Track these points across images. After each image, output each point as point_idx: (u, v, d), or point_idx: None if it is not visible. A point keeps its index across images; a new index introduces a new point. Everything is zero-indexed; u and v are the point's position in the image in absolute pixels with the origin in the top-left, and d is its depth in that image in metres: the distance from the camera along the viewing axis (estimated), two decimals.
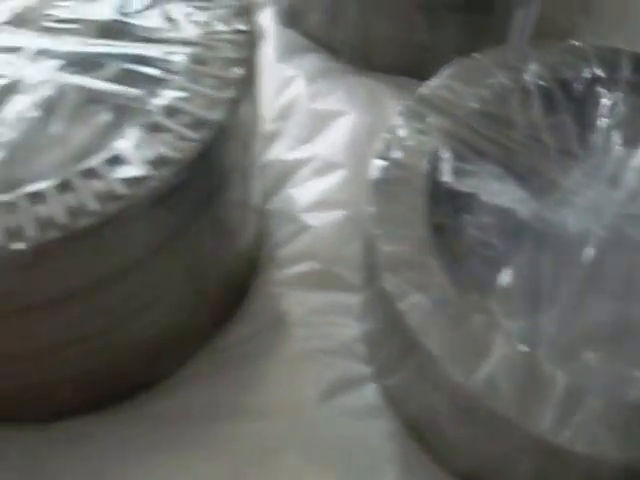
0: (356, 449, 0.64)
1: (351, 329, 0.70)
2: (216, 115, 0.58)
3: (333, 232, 0.75)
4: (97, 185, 0.55)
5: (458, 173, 0.67)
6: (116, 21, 0.65)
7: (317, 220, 0.75)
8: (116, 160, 0.57)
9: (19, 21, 0.65)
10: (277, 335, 0.69)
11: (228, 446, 0.65)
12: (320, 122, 0.81)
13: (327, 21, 0.88)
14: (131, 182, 0.55)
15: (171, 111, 0.59)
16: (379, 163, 0.67)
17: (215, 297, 0.69)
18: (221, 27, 0.63)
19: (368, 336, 0.70)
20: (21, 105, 0.60)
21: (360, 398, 0.67)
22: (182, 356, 0.70)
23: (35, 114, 0.59)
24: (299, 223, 0.75)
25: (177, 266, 0.62)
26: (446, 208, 0.66)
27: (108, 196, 0.55)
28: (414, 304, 0.60)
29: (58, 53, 0.63)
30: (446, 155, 0.67)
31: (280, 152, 0.79)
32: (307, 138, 0.80)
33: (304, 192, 0.77)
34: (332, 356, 0.69)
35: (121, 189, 0.55)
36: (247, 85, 0.61)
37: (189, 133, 0.58)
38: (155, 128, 0.58)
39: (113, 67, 0.63)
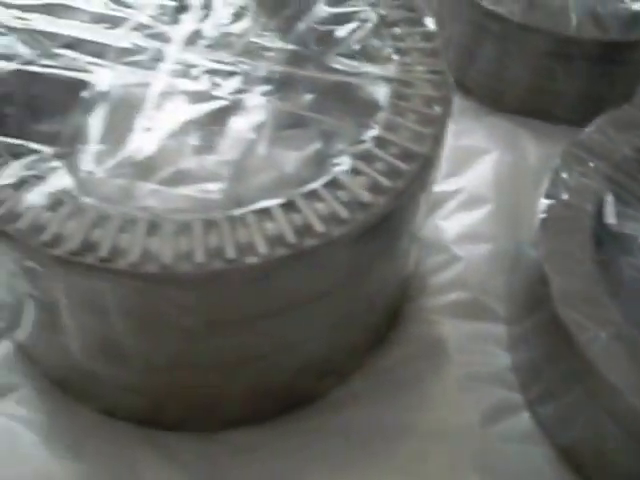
0: (521, 474, 0.67)
1: (501, 358, 0.74)
2: (423, 148, 0.62)
3: (481, 264, 0.79)
4: (320, 207, 0.59)
5: (620, 216, 0.71)
6: (315, 51, 0.68)
7: (465, 251, 0.79)
8: (335, 184, 0.60)
9: (221, 46, 0.68)
10: (434, 360, 0.73)
11: (392, 464, 0.68)
12: (465, 158, 0.85)
13: (462, 60, 0.92)
14: (352, 207, 0.59)
15: (381, 142, 0.62)
16: (546, 202, 0.71)
17: (374, 320, 0.73)
18: (418, 67, 0.67)
19: (521, 366, 0.73)
20: (238, 126, 0.63)
21: (517, 425, 0.70)
22: (341, 375, 0.73)
23: (252, 136, 0.62)
24: (449, 253, 0.79)
25: (362, 289, 0.66)
26: (608, 248, 0.70)
27: (332, 218, 0.58)
28: (592, 336, 0.63)
29: (265, 79, 0.66)
30: (609, 198, 0.71)
31: None
32: (454, 172, 0.84)
33: (452, 224, 0.81)
34: (487, 383, 0.72)
35: (344, 213, 0.58)
36: (445, 122, 0.64)
37: (399, 164, 0.61)
38: (367, 157, 0.62)
39: (316, 95, 0.66)
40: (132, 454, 0.67)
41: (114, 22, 0.70)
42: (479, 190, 0.84)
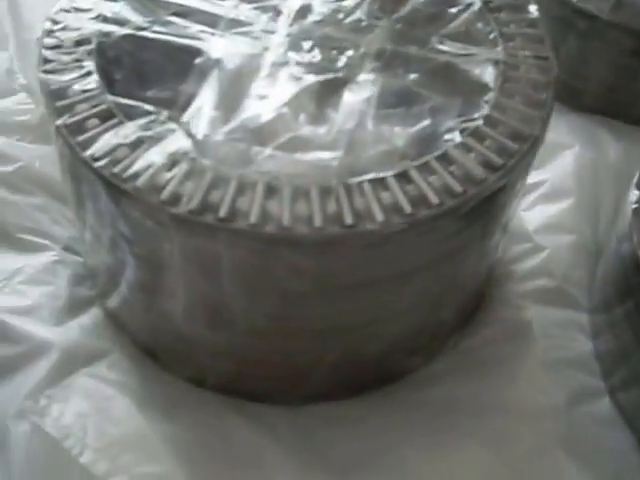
0: (604, 456, 0.68)
1: (583, 344, 0.75)
2: (532, 130, 0.63)
3: (563, 254, 0.80)
4: (433, 180, 0.59)
5: None
6: (420, 32, 0.69)
7: (548, 241, 0.80)
8: (446, 159, 0.61)
9: (330, 21, 0.69)
10: (520, 342, 0.74)
11: (481, 440, 0.69)
12: (548, 152, 0.86)
13: None
14: (465, 181, 0.59)
15: (490, 121, 0.63)
16: (637, 193, 0.71)
17: (463, 299, 0.73)
18: (524, 51, 0.68)
19: (604, 353, 0.74)
20: (350, 99, 0.64)
21: (598, 409, 0.71)
22: (429, 353, 0.73)
23: (364, 109, 0.63)
24: (533, 242, 0.80)
25: (461, 266, 0.67)
26: None
27: (445, 191, 0.59)
28: None
29: (374, 55, 0.67)
30: None
31: None
32: (536, 165, 0.85)
33: (535, 214, 0.82)
34: (570, 367, 0.74)
35: (457, 186, 0.59)
36: (551, 106, 0.65)
37: (509, 143, 0.62)
38: (477, 134, 0.62)
39: (424, 74, 0.67)
40: (224, 423, 0.68)
41: None
42: (561, 183, 0.85)
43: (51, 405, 0.67)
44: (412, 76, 0.68)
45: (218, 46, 0.66)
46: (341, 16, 0.70)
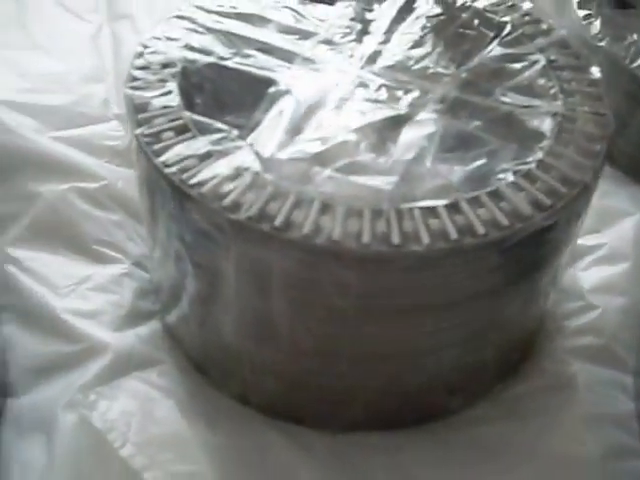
0: None
1: (625, 405, 0.75)
2: (582, 177, 0.65)
3: (615, 315, 0.80)
4: (482, 212, 0.62)
5: None
6: (485, 83, 0.73)
7: (601, 301, 0.81)
8: (497, 195, 0.63)
9: (400, 67, 0.73)
10: (563, 395, 0.75)
11: None
12: (608, 217, 0.88)
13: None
14: (512, 216, 0.62)
15: (544, 165, 0.66)
16: None
17: (508, 346, 0.74)
18: (582, 107, 0.71)
19: None
20: (411, 135, 0.67)
21: (634, 468, 0.71)
22: (471, 396, 0.74)
23: (423, 144, 0.67)
24: (585, 301, 0.81)
25: (504, 305, 0.68)
26: None
27: (492, 224, 0.61)
28: None
29: (438, 100, 0.70)
30: None
31: None
32: (596, 228, 0.87)
33: (590, 275, 0.83)
34: (610, 425, 0.74)
35: (504, 220, 0.61)
36: (604, 158, 0.67)
37: (559, 187, 0.64)
38: (530, 176, 0.65)
39: (484, 121, 0.70)
40: (263, 438, 0.70)
41: (303, 35, 0.76)
42: (619, 248, 0.86)
43: (99, 401, 0.70)
44: (474, 122, 0.70)
45: (291, 79, 0.71)
46: (411, 63, 0.74)
